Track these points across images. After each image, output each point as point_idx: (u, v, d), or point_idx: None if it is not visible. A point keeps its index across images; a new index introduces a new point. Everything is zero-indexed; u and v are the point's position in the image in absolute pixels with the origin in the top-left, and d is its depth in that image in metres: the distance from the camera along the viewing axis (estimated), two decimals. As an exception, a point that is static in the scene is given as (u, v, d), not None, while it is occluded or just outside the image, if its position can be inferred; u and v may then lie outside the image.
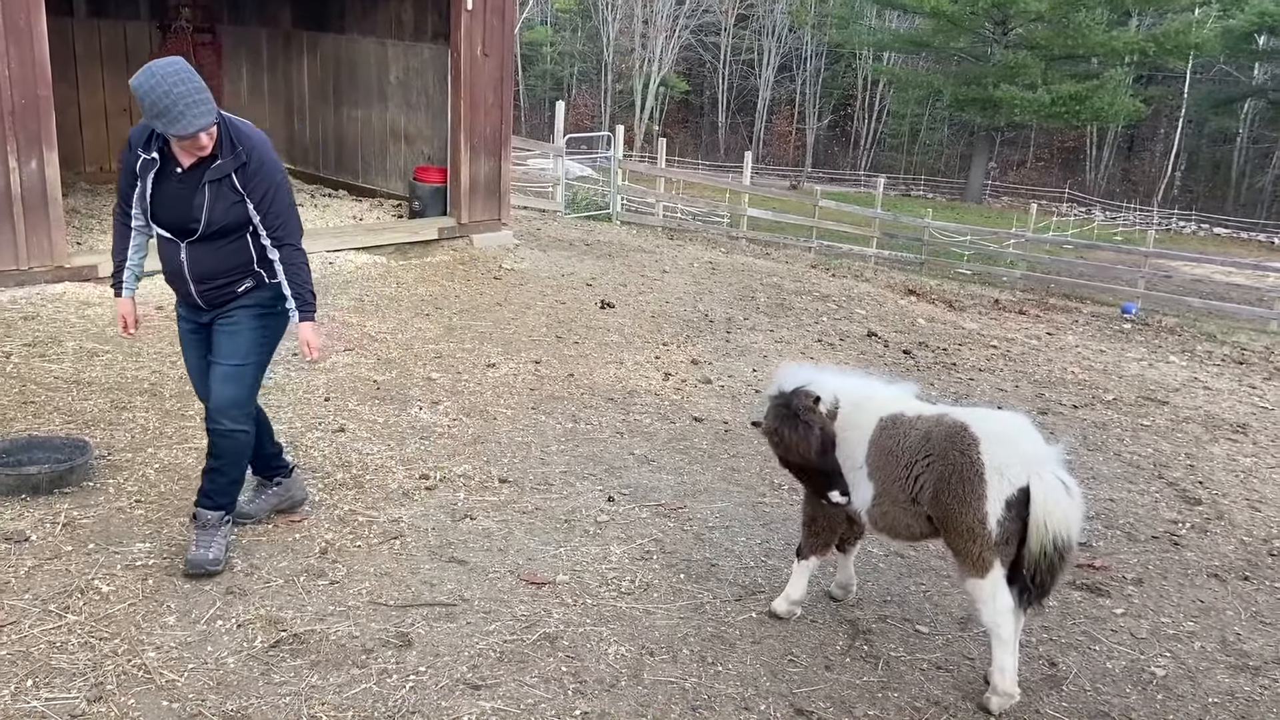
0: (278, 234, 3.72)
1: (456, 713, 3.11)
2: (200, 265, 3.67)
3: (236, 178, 3.59)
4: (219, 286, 3.72)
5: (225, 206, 3.60)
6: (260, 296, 3.80)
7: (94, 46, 10.63)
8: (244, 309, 3.78)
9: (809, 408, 3.48)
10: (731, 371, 7.12)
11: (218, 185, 3.57)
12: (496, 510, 4.58)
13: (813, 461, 3.47)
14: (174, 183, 3.59)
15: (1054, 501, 3.19)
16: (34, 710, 2.98)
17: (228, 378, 3.77)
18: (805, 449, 3.45)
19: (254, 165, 3.59)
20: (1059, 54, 42.76)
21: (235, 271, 3.73)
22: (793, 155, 55.59)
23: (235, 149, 3.57)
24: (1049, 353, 9.12)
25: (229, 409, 3.76)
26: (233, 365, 3.76)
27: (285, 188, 3.74)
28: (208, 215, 3.59)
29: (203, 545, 3.79)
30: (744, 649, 3.62)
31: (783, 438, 3.52)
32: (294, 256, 3.77)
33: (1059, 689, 3.56)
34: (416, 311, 7.64)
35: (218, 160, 3.56)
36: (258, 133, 3.69)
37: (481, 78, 9.53)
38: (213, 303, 3.75)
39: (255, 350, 3.82)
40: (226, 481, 3.87)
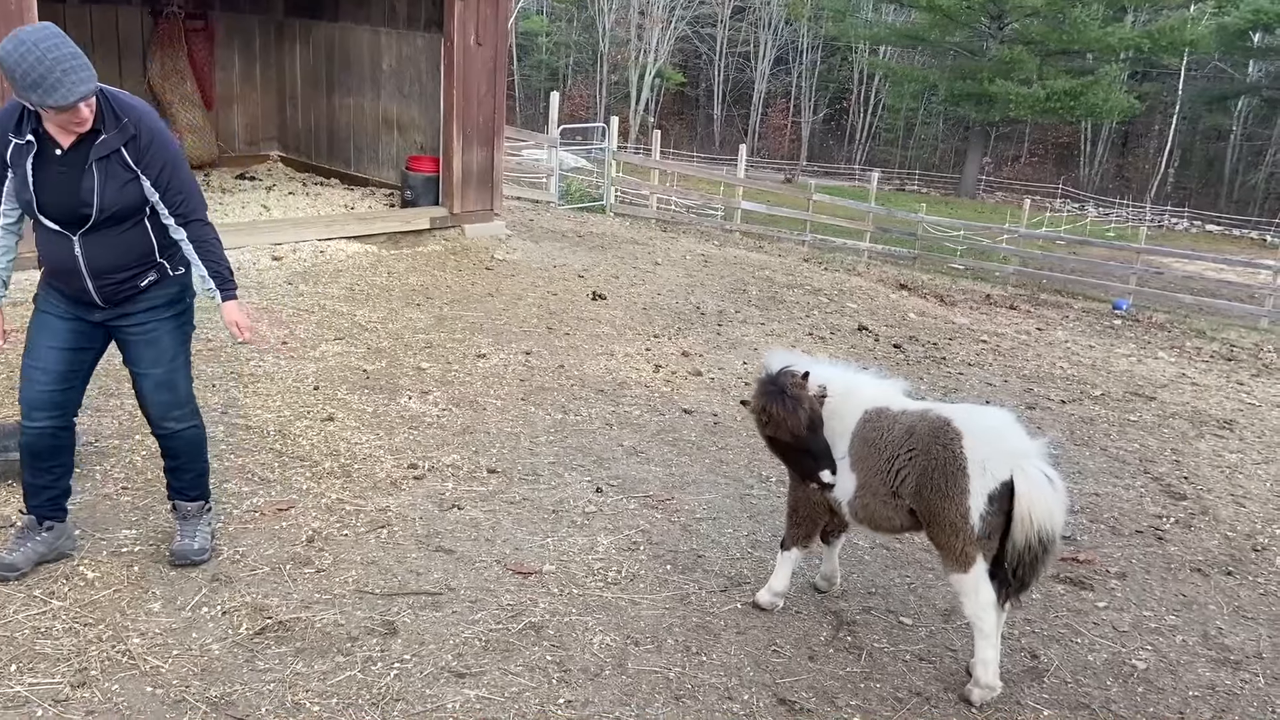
0: (181, 210, 3.41)
1: (441, 700, 3.12)
2: (98, 259, 3.35)
3: (127, 153, 3.28)
4: (121, 281, 3.42)
5: (118, 186, 3.29)
6: (167, 293, 3.54)
7: (85, 31, 10.54)
8: (152, 311, 3.52)
9: (797, 384, 3.50)
10: (722, 364, 7.13)
11: (106, 163, 3.26)
12: (484, 500, 4.59)
13: (801, 437, 3.48)
14: (56, 167, 3.25)
15: (1038, 495, 3.21)
16: (18, 695, 2.98)
17: (160, 385, 3.59)
18: (794, 424, 3.46)
19: (145, 138, 3.29)
20: (1054, 49, 42.84)
21: (136, 263, 3.43)
22: (788, 148, 55.58)
23: (120, 121, 3.26)
24: (1038, 348, 9.15)
25: (171, 411, 3.63)
26: (161, 372, 3.58)
27: (183, 160, 3.45)
28: (100, 198, 3.26)
29: (187, 535, 3.75)
30: (729, 639, 3.64)
31: (771, 414, 3.52)
32: (203, 233, 3.49)
33: (1040, 681, 3.59)
34: (407, 301, 7.63)
35: (101, 135, 3.24)
36: (142, 103, 3.39)
37: (475, 67, 9.50)
38: (112, 299, 3.44)
39: (179, 350, 3.64)
40: (194, 475, 3.79)
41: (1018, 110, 42.29)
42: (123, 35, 10.84)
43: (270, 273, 7.92)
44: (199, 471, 3.82)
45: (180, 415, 3.66)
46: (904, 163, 53.42)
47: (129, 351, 3.58)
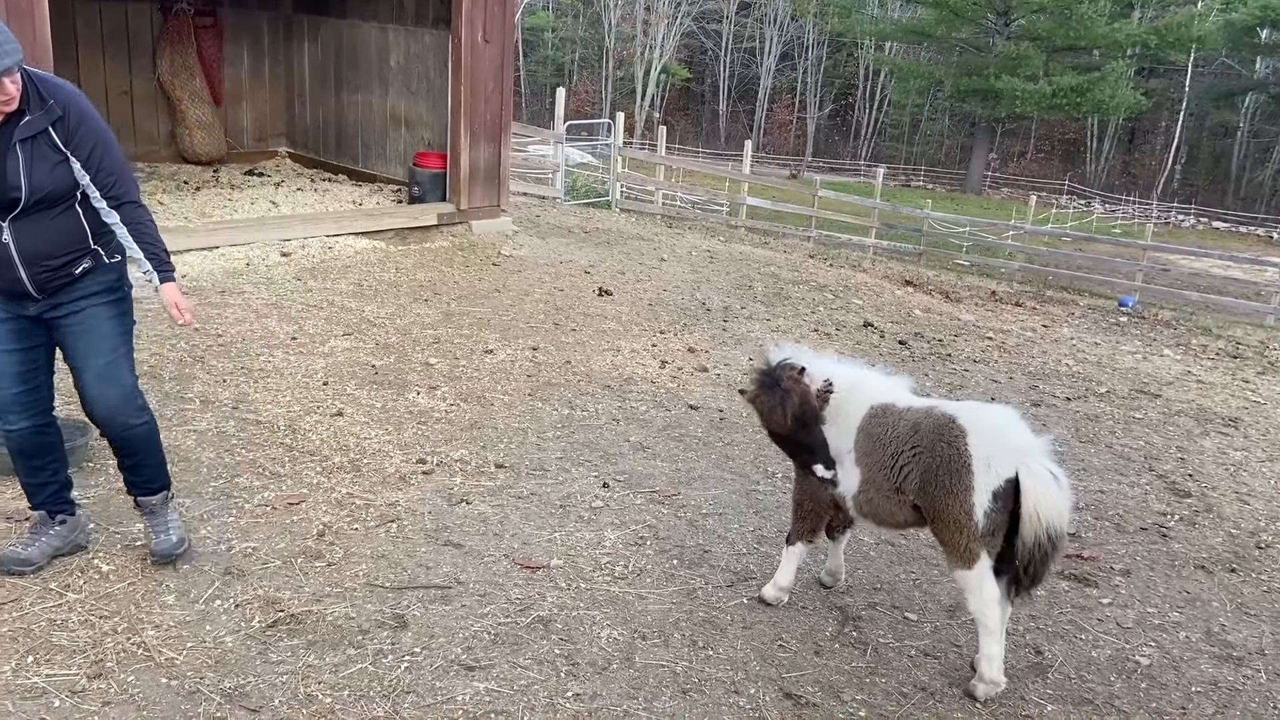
0: (114, 192, 3.32)
1: (451, 693, 3.16)
2: (30, 245, 3.25)
3: (55, 134, 3.19)
4: (55, 269, 3.31)
5: (47, 169, 3.19)
6: (104, 280, 3.44)
7: (95, 28, 10.60)
8: (88, 299, 3.41)
9: (793, 377, 3.53)
10: (728, 360, 7.16)
11: (32, 144, 3.16)
12: (492, 495, 4.63)
13: (790, 430, 3.52)
14: None
15: (1044, 492, 3.23)
16: (35, 686, 3.03)
17: (102, 378, 3.44)
18: (781, 416, 3.51)
19: (74, 118, 3.21)
20: (1061, 46, 42.74)
21: (70, 250, 3.33)
22: (793, 144, 55.54)
23: (45, 103, 3.17)
24: (1044, 345, 9.16)
25: (120, 407, 3.49)
26: (102, 364, 3.44)
27: (113, 142, 3.34)
28: (28, 180, 3.16)
29: (160, 531, 3.71)
30: (735, 634, 3.67)
31: (762, 405, 3.58)
32: (137, 214, 3.40)
33: (1044, 676, 3.62)
34: (415, 297, 7.67)
35: (26, 117, 3.15)
36: (70, 85, 3.30)
37: (482, 64, 9.53)
38: (45, 288, 3.33)
39: (119, 340, 3.50)
40: (153, 467, 3.69)
41: (1024, 106, 42.21)
42: (132, 32, 10.89)
43: (279, 268, 7.97)
44: (158, 462, 3.70)
45: (129, 411, 3.52)
46: (909, 159, 53.35)
47: (67, 345, 3.45)
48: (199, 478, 4.47)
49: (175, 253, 7.78)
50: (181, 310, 3.54)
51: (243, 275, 7.70)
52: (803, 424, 3.51)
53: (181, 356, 5.91)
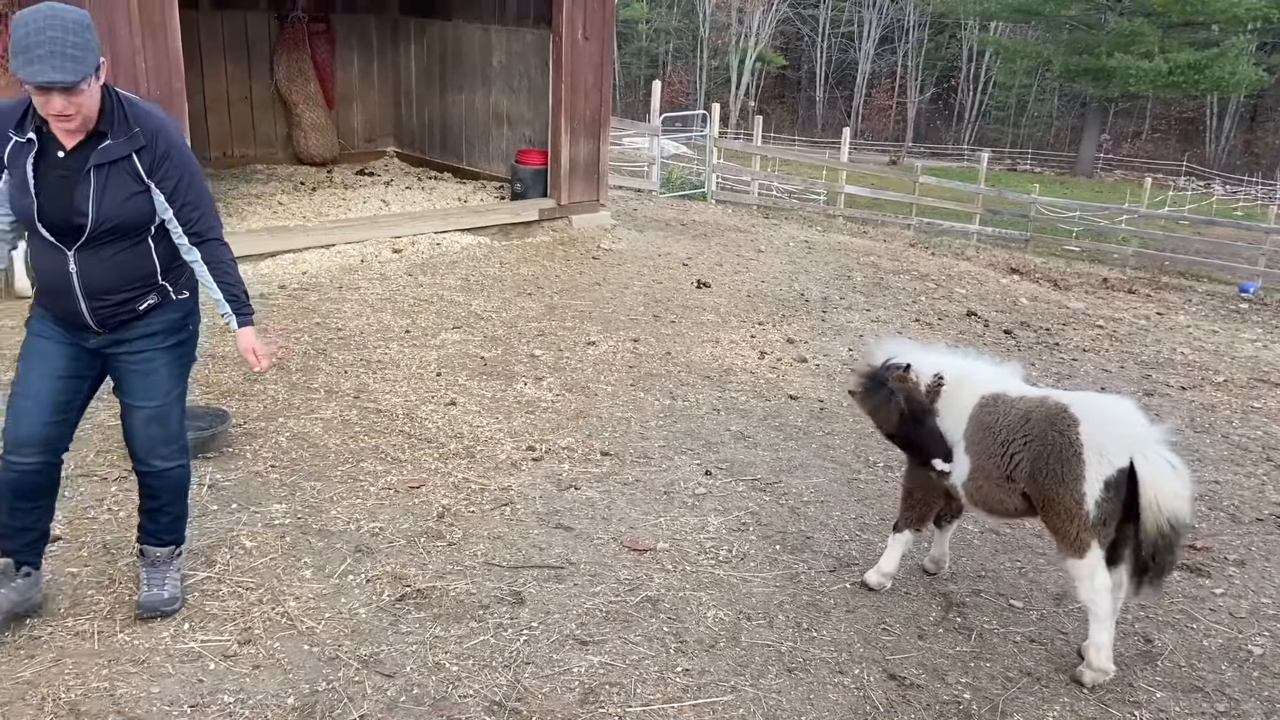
0: (197, 228, 3.14)
1: (567, 664, 3.34)
2: (94, 278, 3.06)
3: (140, 162, 3.01)
4: (118, 304, 3.13)
5: (122, 198, 3.01)
6: (168, 319, 3.25)
7: (217, 37, 11.19)
8: (150, 339, 3.24)
9: (899, 376, 3.60)
10: (827, 350, 7.20)
11: (109, 171, 2.98)
12: (599, 481, 4.81)
13: (899, 429, 3.60)
14: (56, 170, 2.97)
15: (1163, 481, 3.23)
16: (191, 650, 3.32)
17: (152, 420, 3.29)
18: (890, 416, 3.60)
19: (162, 149, 3.04)
20: (1177, 21, 40.77)
21: (136, 285, 3.14)
22: (893, 130, 54.48)
23: (131, 130, 3.00)
24: (1158, 333, 8.90)
25: (158, 449, 3.33)
26: (155, 407, 3.28)
27: (201, 174, 3.20)
28: (96, 208, 2.98)
29: (155, 584, 3.48)
30: (838, 617, 3.76)
31: (869, 405, 3.68)
32: (220, 253, 3.22)
33: (1154, 664, 3.60)
34: (519, 291, 7.92)
35: (107, 140, 2.97)
36: (164, 114, 3.16)
37: (582, 61, 9.73)
38: (107, 323, 3.15)
39: (175, 384, 3.34)
40: (171, 518, 3.50)
41: (1138, 85, 40.45)
42: (251, 40, 11.46)
43: (391, 264, 8.32)
44: (178, 515, 3.52)
45: (167, 453, 3.36)
46: (1016, 142, 51.76)
47: (123, 382, 3.28)
48: (327, 463, 4.76)
49: (295, 251, 8.28)
50: (259, 357, 3.34)
51: (358, 271, 8.07)
52: (913, 421, 3.57)
53: (306, 349, 6.26)
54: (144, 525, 3.51)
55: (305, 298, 7.30)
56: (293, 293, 7.40)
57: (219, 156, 11.26)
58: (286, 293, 7.39)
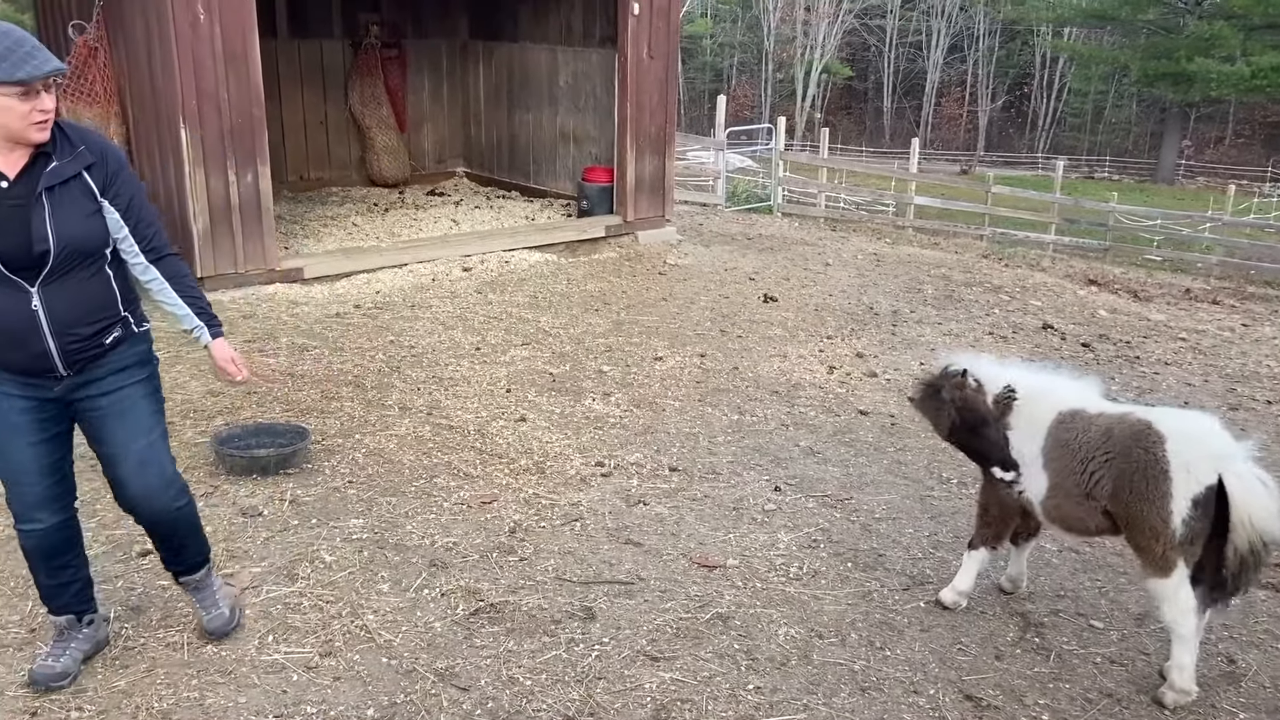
0: (154, 244, 3.02)
1: (639, 680, 3.37)
2: (61, 312, 2.87)
3: (92, 180, 2.87)
4: (87, 338, 2.93)
5: (78, 218, 2.84)
6: (136, 351, 3.09)
7: (294, 64, 11.56)
8: (121, 374, 3.05)
9: (956, 384, 3.57)
10: (898, 365, 7.12)
11: (61, 191, 2.82)
12: (668, 497, 4.83)
13: (953, 436, 3.59)
14: (5, 201, 2.77)
15: (1255, 497, 3.15)
16: (275, 662, 3.43)
17: (144, 464, 3.09)
18: (944, 424, 3.61)
19: (113, 166, 2.92)
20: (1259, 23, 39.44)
21: (102, 316, 2.96)
22: (963, 139, 53.65)
23: (75, 147, 2.85)
24: (1243, 345, 8.60)
25: (162, 492, 3.14)
26: (143, 446, 3.09)
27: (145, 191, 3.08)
28: (56, 233, 2.79)
29: (209, 606, 3.47)
30: (912, 636, 3.72)
31: (926, 412, 3.69)
32: (180, 267, 3.11)
33: (1237, 685, 3.49)
34: (586, 307, 8.00)
35: (53, 162, 2.81)
36: (99, 134, 3.10)
37: (647, 79, 9.82)
38: (74, 362, 2.94)
39: (156, 420, 3.15)
40: (195, 544, 3.38)
41: (1220, 89, 39.22)
42: (327, 67, 11.82)
43: (461, 283, 8.48)
44: (199, 540, 3.40)
45: (169, 497, 3.17)
46: (1092, 149, 50.54)
47: (101, 428, 3.06)
48: (402, 478, 4.87)
49: (370, 271, 8.49)
50: (238, 366, 3.24)
51: (429, 290, 8.24)
52: (969, 429, 3.54)
53: (380, 367, 6.42)
54: (167, 559, 3.39)
55: (379, 316, 7.48)
56: (367, 312, 7.59)
57: (295, 180, 11.61)
58: (361, 312, 7.58)
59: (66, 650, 3.27)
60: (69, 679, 3.23)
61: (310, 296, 7.88)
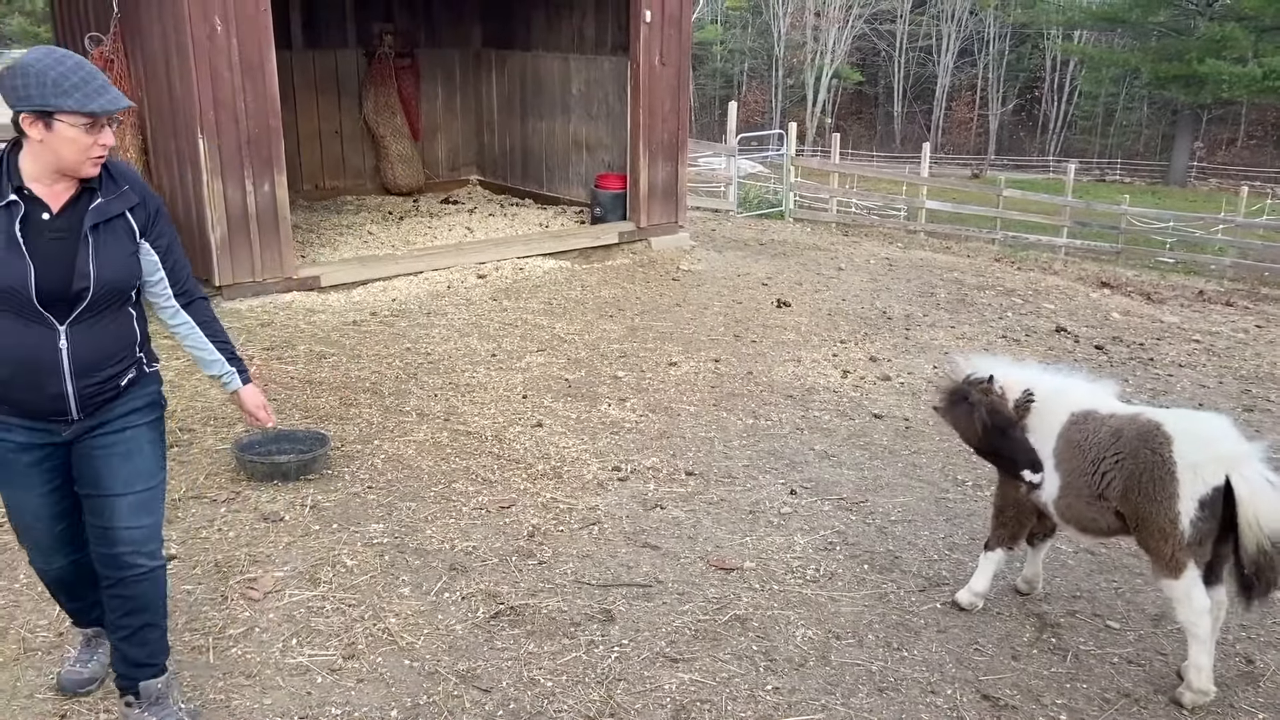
0: (187, 287, 2.97)
1: (658, 682, 3.40)
2: (84, 353, 2.75)
3: (134, 220, 2.79)
4: (104, 381, 2.81)
5: (122, 258, 2.76)
6: (148, 392, 2.97)
7: (309, 75, 11.67)
8: (131, 416, 2.91)
9: (982, 389, 3.59)
10: (911, 369, 7.14)
11: (106, 230, 2.73)
12: (684, 501, 4.86)
13: (983, 442, 3.59)
14: (46, 234, 2.66)
15: (1262, 498, 3.15)
16: (300, 664, 3.47)
17: (142, 507, 2.92)
18: (970, 430, 3.61)
19: (153, 206, 2.85)
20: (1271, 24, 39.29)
21: (121, 358, 2.85)
22: (974, 143, 53.54)
23: (120, 187, 2.78)
24: (1258, 346, 8.58)
25: (147, 543, 2.95)
26: (141, 491, 2.92)
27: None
28: (99, 270, 2.71)
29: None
30: (929, 637, 3.74)
31: (953, 419, 3.69)
32: (209, 311, 3.06)
33: (1256, 685, 3.50)
34: (600, 313, 8.04)
35: (98, 198, 2.72)
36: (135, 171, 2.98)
37: (659, 87, 9.88)
38: (89, 405, 2.81)
39: (160, 465, 3.01)
40: (160, 632, 3.08)
41: (1231, 91, 39.05)
42: (341, 76, 11.92)
43: (476, 290, 8.54)
44: (164, 627, 3.09)
45: (154, 549, 2.98)
46: (1104, 152, 50.37)
47: (100, 469, 2.88)
48: (421, 484, 4.92)
49: (385, 279, 8.56)
50: (267, 414, 3.19)
51: (445, 297, 8.30)
52: (998, 433, 3.56)
53: (397, 374, 6.47)
54: (127, 657, 3.02)
55: (396, 324, 7.54)
56: (384, 319, 7.66)
57: (310, 189, 11.71)
58: (378, 319, 7.65)
59: (94, 656, 3.30)
60: (96, 684, 3.26)
61: (327, 304, 7.95)
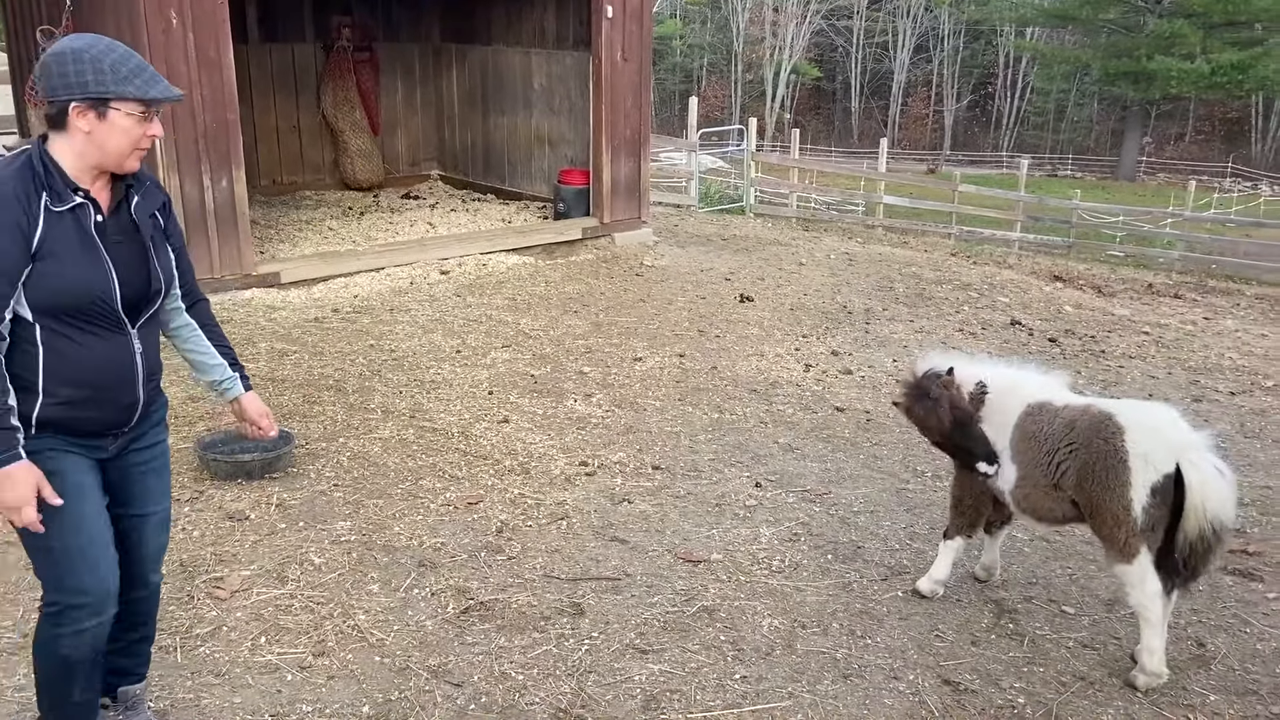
0: (191, 288, 2.82)
1: (629, 673, 3.45)
2: (150, 357, 2.65)
3: (162, 218, 2.69)
4: (156, 385, 2.73)
5: (168, 258, 2.68)
6: (162, 403, 2.83)
7: (266, 69, 11.54)
8: (159, 428, 2.81)
9: (943, 384, 3.68)
10: (872, 362, 7.25)
11: (153, 229, 2.64)
12: (651, 495, 4.91)
13: (947, 435, 3.67)
14: (112, 236, 2.53)
15: (1210, 485, 3.27)
16: (269, 662, 3.47)
17: (162, 524, 2.85)
18: (935, 424, 3.69)
19: (168, 203, 2.74)
20: (1218, 21, 40.19)
21: (160, 359, 2.74)
22: (929, 138, 54.21)
23: (145, 183, 2.63)
24: (1205, 338, 8.83)
25: (160, 558, 2.90)
26: (167, 507, 2.86)
27: None
28: (163, 270, 2.63)
29: None
30: (891, 624, 3.83)
31: (915, 415, 3.76)
32: (211, 314, 2.90)
33: (1207, 668, 3.62)
34: (565, 309, 8.07)
35: (135, 196, 2.60)
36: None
37: (621, 82, 9.90)
38: (144, 413, 2.69)
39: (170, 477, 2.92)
40: (148, 645, 3.04)
41: (1180, 87, 39.93)
42: (299, 70, 11.80)
43: (440, 286, 8.52)
44: (151, 640, 3.05)
45: (160, 564, 2.93)
46: (1055, 147, 51.23)
47: (134, 488, 2.75)
48: (387, 481, 4.92)
49: (347, 275, 8.50)
50: (272, 422, 2.99)
51: (408, 294, 8.28)
52: (958, 426, 3.65)
53: (361, 371, 6.45)
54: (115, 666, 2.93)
55: (359, 320, 7.50)
56: (346, 316, 7.62)
57: (268, 184, 11.59)
58: (340, 316, 7.60)
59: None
60: None
61: (288, 301, 7.89)
